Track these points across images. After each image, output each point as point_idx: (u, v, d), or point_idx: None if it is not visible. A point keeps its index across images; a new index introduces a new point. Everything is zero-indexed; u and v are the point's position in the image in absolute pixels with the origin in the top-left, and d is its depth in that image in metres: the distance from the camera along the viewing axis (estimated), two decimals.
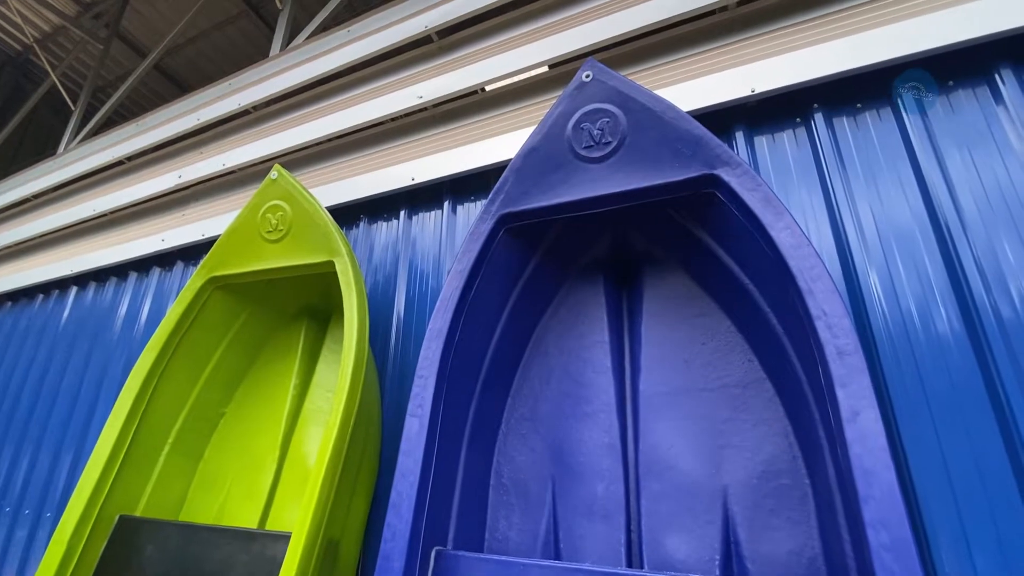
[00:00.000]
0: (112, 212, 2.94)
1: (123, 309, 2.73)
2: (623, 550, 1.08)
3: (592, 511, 1.15)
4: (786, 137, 1.50)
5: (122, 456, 1.50)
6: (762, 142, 1.52)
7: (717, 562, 1.00)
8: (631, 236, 1.39)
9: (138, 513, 1.53)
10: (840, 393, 0.80)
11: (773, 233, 0.98)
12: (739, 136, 1.53)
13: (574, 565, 0.94)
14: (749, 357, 1.19)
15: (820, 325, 0.87)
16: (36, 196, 3.51)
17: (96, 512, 1.45)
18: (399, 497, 1.02)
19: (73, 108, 4.07)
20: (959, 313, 1.16)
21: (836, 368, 0.82)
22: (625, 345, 1.35)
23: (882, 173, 1.34)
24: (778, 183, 1.44)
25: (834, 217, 1.34)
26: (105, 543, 1.46)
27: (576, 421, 1.28)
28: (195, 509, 1.63)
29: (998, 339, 1.09)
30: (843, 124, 1.43)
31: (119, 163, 3.06)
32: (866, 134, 1.39)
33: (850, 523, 0.85)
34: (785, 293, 1.00)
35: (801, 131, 1.49)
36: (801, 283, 0.92)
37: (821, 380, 0.88)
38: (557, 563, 0.96)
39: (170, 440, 1.65)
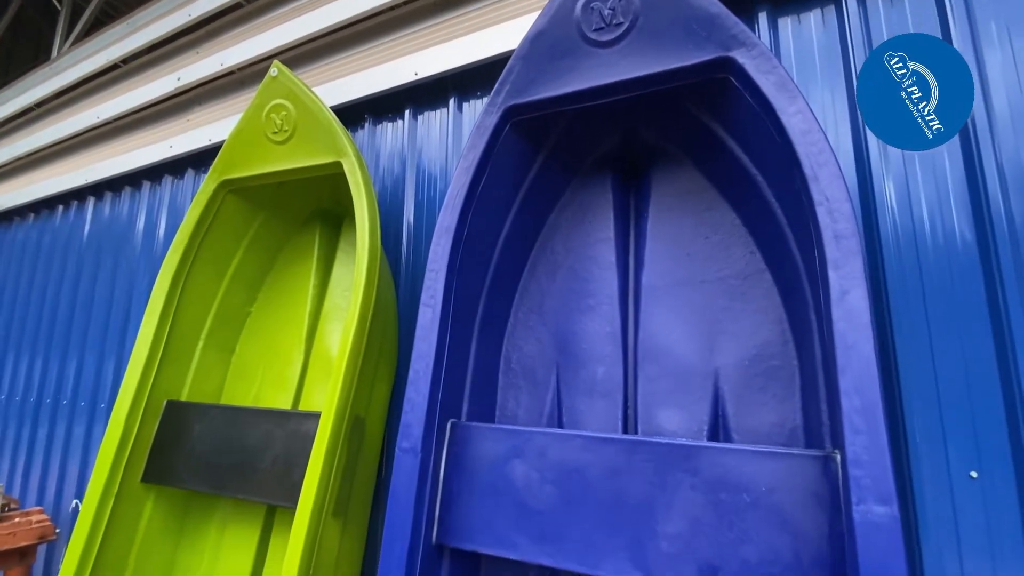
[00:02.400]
0: (117, 119, 2.90)
1: (141, 222, 2.80)
2: (619, 423, 1.18)
3: (592, 391, 1.25)
4: (813, 18, 1.40)
5: (161, 349, 1.63)
6: (786, 24, 1.42)
7: (704, 432, 1.10)
8: (641, 130, 1.36)
9: (183, 399, 1.69)
10: (832, 275, 0.83)
11: (784, 118, 0.96)
12: (762, 17, 1.42)
13: (574, 432, 1.04)
14: (751, 249, 1.21)
15: (821, 211, 0.88)
16: (38, 105, 3.46)
17: (145, 398, 1.60)
18: (416, 375, 1.11)
19: (59, 7, 3.86)
20: (971, 219, 1.14)
21: (832, 252, 0.84)
22: (630, 241, 1.38)
23: None
24: (799, 71, 1.37)
25: (855, 111, 1.28)
26: (157, 424, 1.63)
27: (580, 314, 1.34)
28: (233, 396, 1.79)
29: (1007, 249, 1.09)
30: (877, 4, 1.32)
31: (115, 66, 2.97)
32: (900, 15, 1.29)
33: (829, 397, 0.92)
34: (792, 182, 1.00)
35: (831, 11, 1.38)
36: (807, 169, 0.91)
37: (816, 265, 0.91)
38: (559, 430, 1.07)
39: (203, 335, 1.77)
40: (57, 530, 2.06)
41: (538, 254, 1.45)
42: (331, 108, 1.97)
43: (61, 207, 3.32)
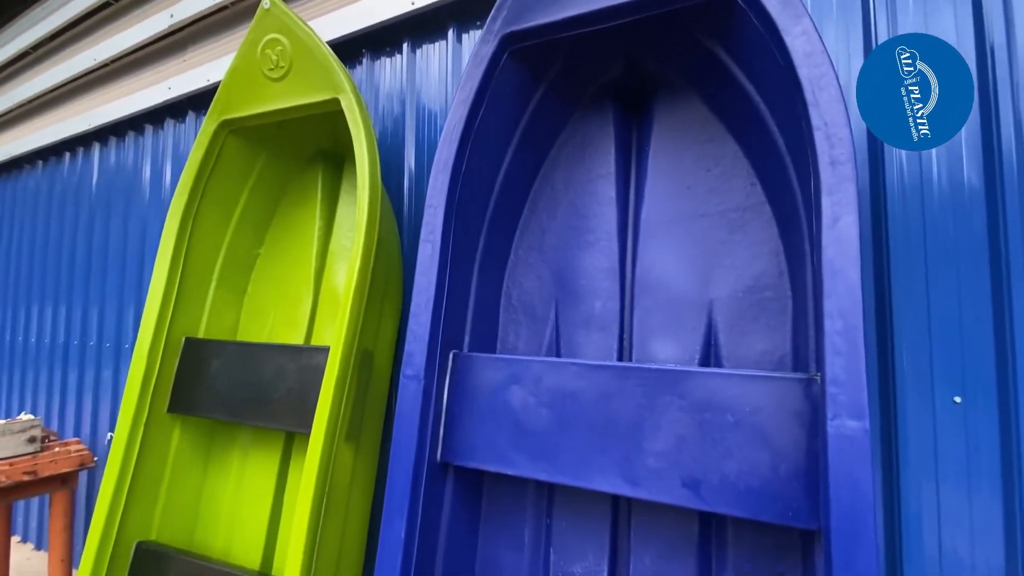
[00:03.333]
0: (113, 60, 2.85)
1: (147, 169, 2.81)
2: (615, 354, 1.23)
3: (590, 324, 1.28)
4: None
5: (176, 288, 1.69)
6: None
7: (696, 360, 1.14)
8: (644, 58, 1.31)
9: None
10: (825, 201, 0.83)
11: (788, 39, 0.92)
12: None
13: (568, 360, 1.09)
14: (752, 181, 1.20)
15: (819, 136, 0.86)
16: (35, 48, 3.39)
17: (164, 336, 1.68)
18: (417, 308, 1.15)
19: None
20: (981, 162, 1.11)
21: (827, 177, 0.84)
22: (631, 176, 1.36)
23: None
24: (814, 3, 1.30)
25: (869, 46, 1.22)
26: (178, 360, 1.72)
27: (579, 250, 1.35)
28: (247, 335, 1.86)
29: (1015, 194, 1.07)
30: None
31: (106, 4, 2.88)
32: None
33: (816, 324, 0.94)
34: (794, 107, 0.97)
35: None
36: (808, 94, 0.89)
37: (812, 192, 0.91)
38: (554, 359, 1.11)
39: (215, 276, 1.83)
40: (95, 458, 2.22)
41: (539, 190, 1.45)
42: (327, 43, 1.91)
43: (68, 154, 3.33)
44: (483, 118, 1.22)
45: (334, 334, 1.37)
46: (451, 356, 1.22)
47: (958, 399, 1.09)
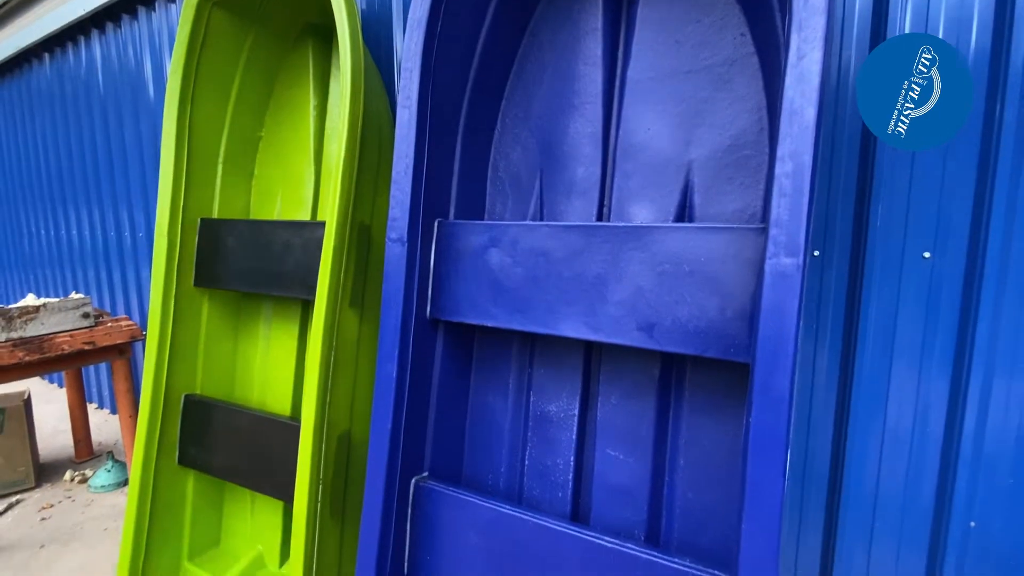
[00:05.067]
0: None
1: (148, 63, 2.78)
2: (594, 219, 1.26)
3: (571, 191, 1.30)
4: None
5: (184, 169, 1.76)
6: None
7: (670, 221, 1.17)
8: None
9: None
10: (794, 38, 0.79)
11: None
12: None
13: (541, 223, 1.13)
14: (742, 31, 1.13)
15: None
16: None
17: (180, 216, 1.78)
18: (398, 175, 1.19)
19: None
20: (991, 36, 1.02)
21: (798, 12, 0.79)
22: (620, 31, 1.29)
23: None
24: None
25: None
26: (196, 238, 1.84)
27: (564, 116, 1.33)
28: (258, 215, 1.96)
29: (1019, 77, 0.98)
30: None
31: None
32: None
33: (769, 169, 0.94)
34: None
35: None
36: None
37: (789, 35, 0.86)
38: (529, 222, 1.16)
39: (221, 159, 1.88)
40: (144, 332, 2.49)
41: (525, 54, 1.39)
42: None
43: (70, 43, 3.29)
44: None
45: (328, 208, 1.43)
46: (436, 223, 1.28)
47: (927, 254, 1.10)
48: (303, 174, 1.87)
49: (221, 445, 1.78)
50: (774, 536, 0.77)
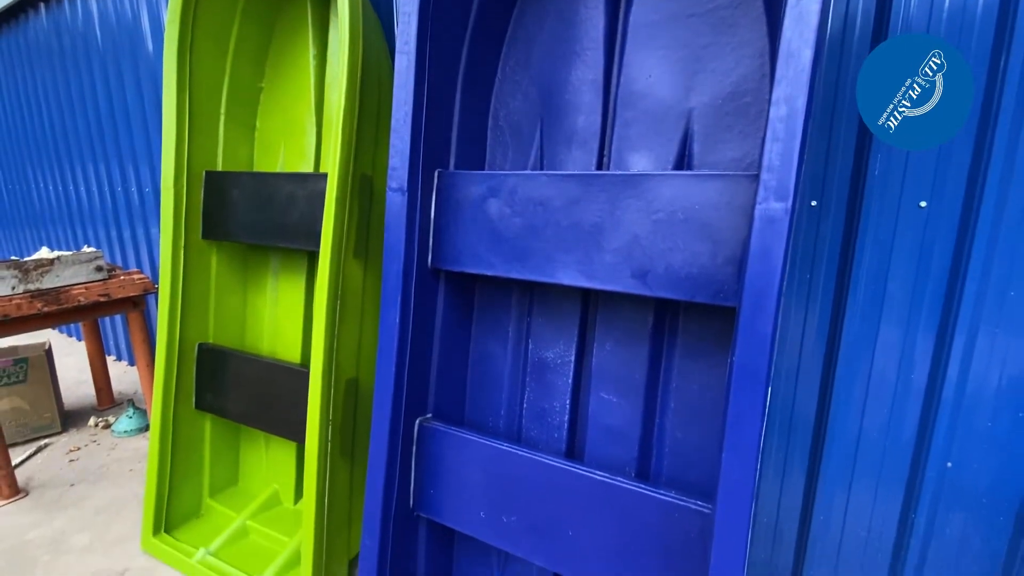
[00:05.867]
0: None
1: (145, 15, 2.72)
2: (593, 169, 1.26)
3: (571, 142, 1.30)
4: None
5: (187, 121, 1.76)
6: None
7: (669, 170, 1.17)
8: None
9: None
10: None
11: None
12: None
13: (539, 172, 1.14)
14: None
15: None
16: None
17: (185, 168, 1.80)
18: (397, 123, 1.20)
19: None
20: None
21: None
22: None
23: None
24: None
25: None
26: (202, 191, 1.86)
27: (565, 63, 1.31)
28: (262, 167, 1.97)
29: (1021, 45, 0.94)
30: None
31: None
32: None
33: (766, 114, 0.94)
34: None
35: None
36: None
37: None
38: (528, 172, 1.17)
39: (223, 110, 1.88)
40: (156, 285, 2.55)
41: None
42: None
43: None
44: None
45: (330, 159, 1.45)
46: (436, 174, 1.29)
47: (923, 204, 1.10)
48: (304, 125, 1.86)
49: (235, 391, 1.86)
50: (751, 466, 0.82)
